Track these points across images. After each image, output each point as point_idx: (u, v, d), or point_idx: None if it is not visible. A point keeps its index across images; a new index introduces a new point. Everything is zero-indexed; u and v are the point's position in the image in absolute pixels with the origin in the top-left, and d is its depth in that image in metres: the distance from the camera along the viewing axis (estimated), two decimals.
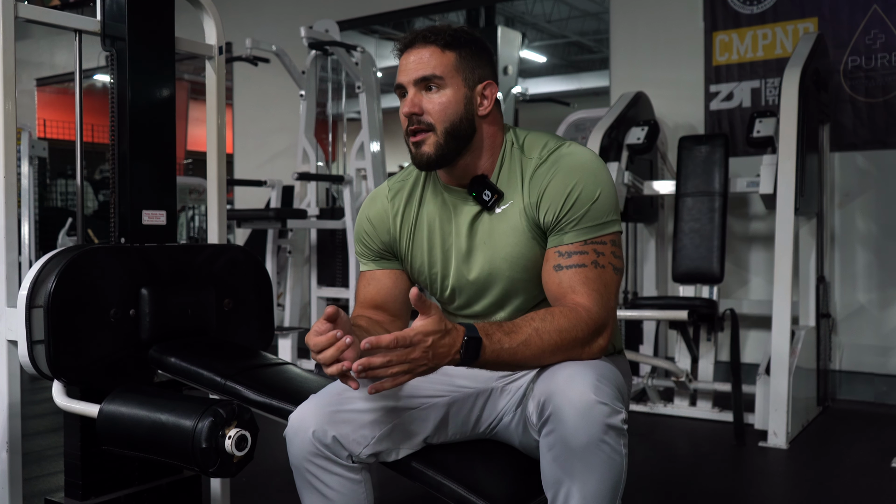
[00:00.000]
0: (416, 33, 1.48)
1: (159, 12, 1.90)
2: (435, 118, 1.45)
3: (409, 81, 1.46)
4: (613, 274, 1.42)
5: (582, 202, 1.41)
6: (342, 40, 4.52)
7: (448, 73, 1.45)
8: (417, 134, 1.47)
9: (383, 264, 1.62)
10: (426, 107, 1.46)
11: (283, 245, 4.71)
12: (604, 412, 1.26)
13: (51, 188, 7.75)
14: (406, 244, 1.59)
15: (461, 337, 1.27)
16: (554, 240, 1.43)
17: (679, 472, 2.86)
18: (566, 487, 1.29)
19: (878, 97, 3.87)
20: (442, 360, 1.27)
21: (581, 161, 1.45)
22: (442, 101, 1.45)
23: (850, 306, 3.93)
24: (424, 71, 1.45)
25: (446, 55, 1.46)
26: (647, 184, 3.87)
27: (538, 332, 1.33)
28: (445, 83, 1.45)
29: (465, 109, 1.47)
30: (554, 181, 1.44)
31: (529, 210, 1.46)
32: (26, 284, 1.63)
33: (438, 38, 1.46)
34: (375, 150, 4.56)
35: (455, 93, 1.46)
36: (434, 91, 1.46)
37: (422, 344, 1.24)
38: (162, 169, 1.93)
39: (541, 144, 1.50)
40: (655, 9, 4.44)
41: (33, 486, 2.46)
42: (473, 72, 1.48)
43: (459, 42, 1.47)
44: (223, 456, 1.44)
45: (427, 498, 1.80)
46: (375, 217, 1.61)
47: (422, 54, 1.46)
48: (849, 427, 3.43)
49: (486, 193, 1.49)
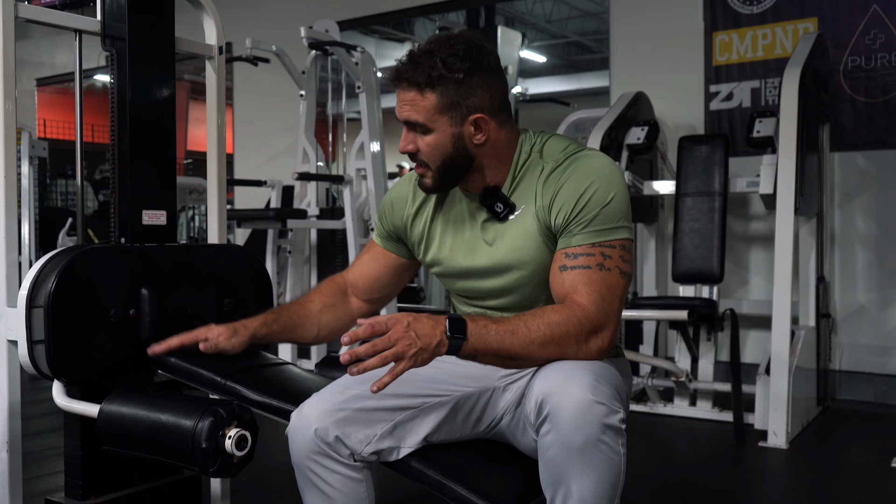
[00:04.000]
0: (399, 70, 1.44)
1: (159, 12, 1.90)
2: (427, 158, 1.48)
3: (401, 120, 1.48)
4: (619, 278, 1.41)
5: (593, 205, 1.41)
6: (342, 40, 4.51)
7: (430, 118, 1.44)
8: (418, 167, 1.51)
9: (387, 244, 1.70)
10: (419, 145, 1.47)
11: (283, 245, 4.71)
12: (601, 412, 1.26)
13: (51, 188, 7.75)
14: (421, 233, 1.62)
15: (443, 318, 1.30)
16: (563, 241, 1.44)
17: (679, 472, 2.86)
18: (564, 487, 1.29)
19: (878, 97, 3.87)
20: (430, 340, 1.28)
21: (597, 165, 1.46)
22: (430, 142, 1.46)
23: (850, 306, 3.93)
24: (409, 116, 1.45)
25: (427, 98, 1.43)
26: (647, 184, 3.87)
27: (526, 324, 1.34)
28: (429, 128, 1.45)
29: (455, 146, 1.46)
30: (568, 183, 1.44)
31: (542, 213, 1.46)
32: (26, 284, 1.63)
33: (419, 77, 1.42)
34: (375, 150, 4.56)
35: (441, 135, 1.45)
36: (420, 134, 1.46)
37: (398, 325, 1.27)
38: (162, 169, 1.92)
39: (560, 148, 1.50)
40: (655, 9, 4.44)
41: (33, 486, 2.46)
42: (460, 107, 1.44)
43: (443, 79, 1.41)
44: (223, 456, 1.44)
45: (427, 498, 1.80)
46: (396, 199, 1.66)
47: (405, 97, 1.45)
48: (849, 427, 3.43)
49: (498, 206, 1.50)
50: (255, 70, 5.22)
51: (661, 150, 4.13)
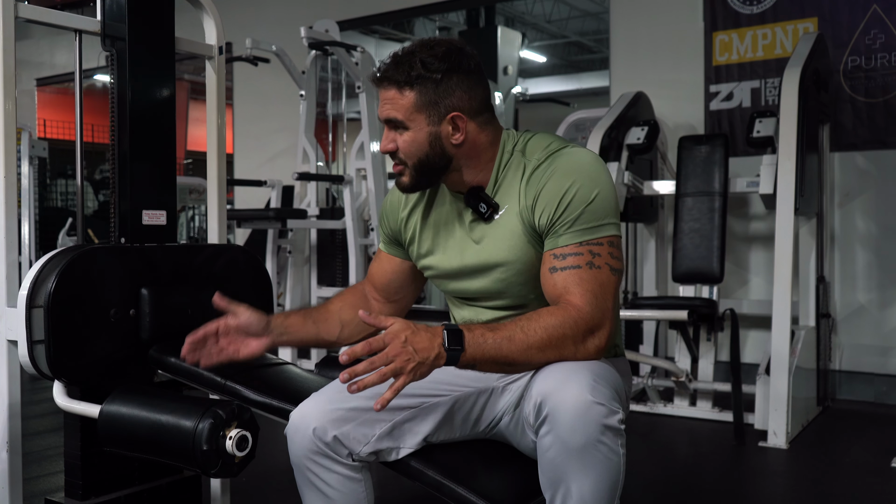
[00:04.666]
0: (383, 68, 1.47)
1: (159, 12, 1.90)
2: (404, 155, 1.49)
3: (381, 119, 1.50)
4: (610, 274, 1.40)
5: (577, 204, 1.40)
6: (342, 40, 4.52)
7: (408, 116, 1.46)
8: (395, 166, 1.53)
9: (390, 248, 1.71)
10: (398, 143, 1.49)
11: (283, 245, 4.71)
12: (600, 412, 1.26)
13: (51, 188, 7.75)
14: (412, 235, 1.63)
15: (441, 329, 1.30)
16: (550, 242, 1.43)
17: (679, 472, 2.86)
18: (564, 488, 1.29)
19: (878, 97, 3.87)
20: (428, 354, 1.28)
21: (579, 162, 1.44)
22: (407, 140, 1.47)
23: (850, 306, 3.93)
24: (388, 113, 1.47)
25: (405, 96, 1.45)
26: (647, 184, 3.87)
27: (523, 329, 1.33)
28: (406, 125, 1.46)
29: (432, 145, 1.47)
30: (550, 183, 1.43)
31: (526, 213, 1.46)
32: (26, 284, 1.63)
33: (399, 76, 1.44)
34: (375, 150, 4.56)
35: (417, 133, 1.47)
36: (399, 131, 1.48)
37: (396, 341, 1.26)
38: (162, 169, 1.93)
39: (543, 146, 1.50)
40: (655, 9, 4.44)
41: (33, 486, 2.46)
42: (438, 106, 1.45)
43: (421, 78, 1.43)
44: (224, 457, 1.45)
45: (427, 498, 1.80)
46: (391, 204, 1.68)
47: (386, 95, 1.47)
48: (849, 427, 3.43)
49: (482, 206, 1.51)
50: (255, 70, 5.22)
51: (661, 150, 4.13)
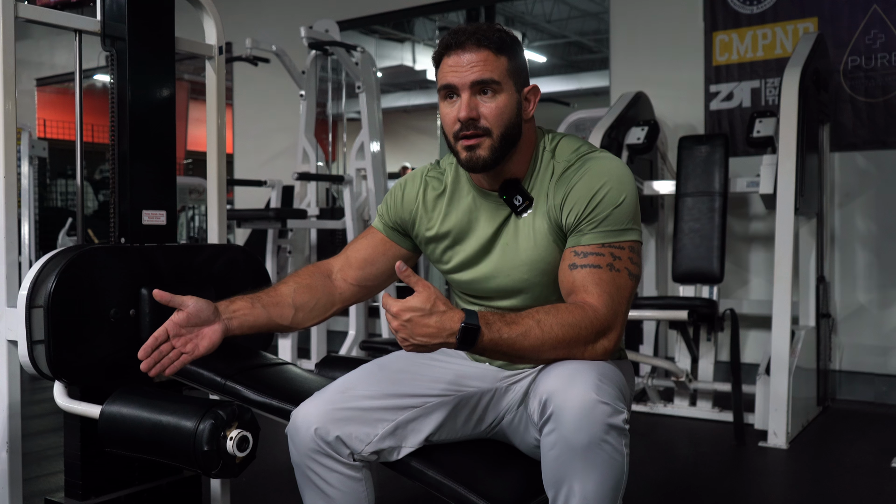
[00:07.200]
0: (467, 33, 1.44)
1: (159, 12, 1.90)
2: (492, 123, 1.44)
3: (465, 84, 1.43)
4: (628, 279, 1.41)
5: (605, 205, 1.41)
6: (342, 40, 4.52)
7: (503, 78, 1.44)
8: (472, 138, 1.45)
9: (390, 234, 1.67)
10: (482, 111, 1.44)
11: (283, 245, 4.71)
12: (605, 412, 1.26)
13: (51, 188, 7.76)
14: (431, 233, 1.60)
15: (457, 322, 1.28)
16: (573, 240, 1.44)
17: (679, 472, 2.86)
18: (567, 487, 1.29)
19: (878, 97, 3.87)
20: (428, 341, 1.28)
21: (609, 166, 1.46)
22: (499, 105, 1.44)
23: (850, 306, 3.93)
24: (482, 74, 1.42)
25: (500, 60, 1.44)
26: (647, 184, 3.87)
27: (539, 324, 1.33)
28: (502, 88, 1.44)
29: (516, 114, 1.46)
30: (580, 183, 1.44)
31: (553, 212, 1.46)
32: (26, 284, 1.63)
33: (491, 42, 1.43)
34: (375, 150, 4.56)
35: (509, 98, 1.45)
36: (489, 95, 1.44)
37: (400, 317, 1.28)
38: (162, 169, 1.93)
39: (573, 148, 1.51)
40: (655, 9, 4.44)
41: (33, 486, 2.46)
42: (520, 75, 1.48)
43: (508, 46, 1.45)
44: (225, 458, 1.44)
45: (427, 498, 1.80)
46: (407, 194, 1.64)
47: (475, 57, 1.42)
48: (849, 427, 3.43)
49: (518, 198, 1.50)
50: (254, 70, 5.22)
51: (661, 150, 4.14)
